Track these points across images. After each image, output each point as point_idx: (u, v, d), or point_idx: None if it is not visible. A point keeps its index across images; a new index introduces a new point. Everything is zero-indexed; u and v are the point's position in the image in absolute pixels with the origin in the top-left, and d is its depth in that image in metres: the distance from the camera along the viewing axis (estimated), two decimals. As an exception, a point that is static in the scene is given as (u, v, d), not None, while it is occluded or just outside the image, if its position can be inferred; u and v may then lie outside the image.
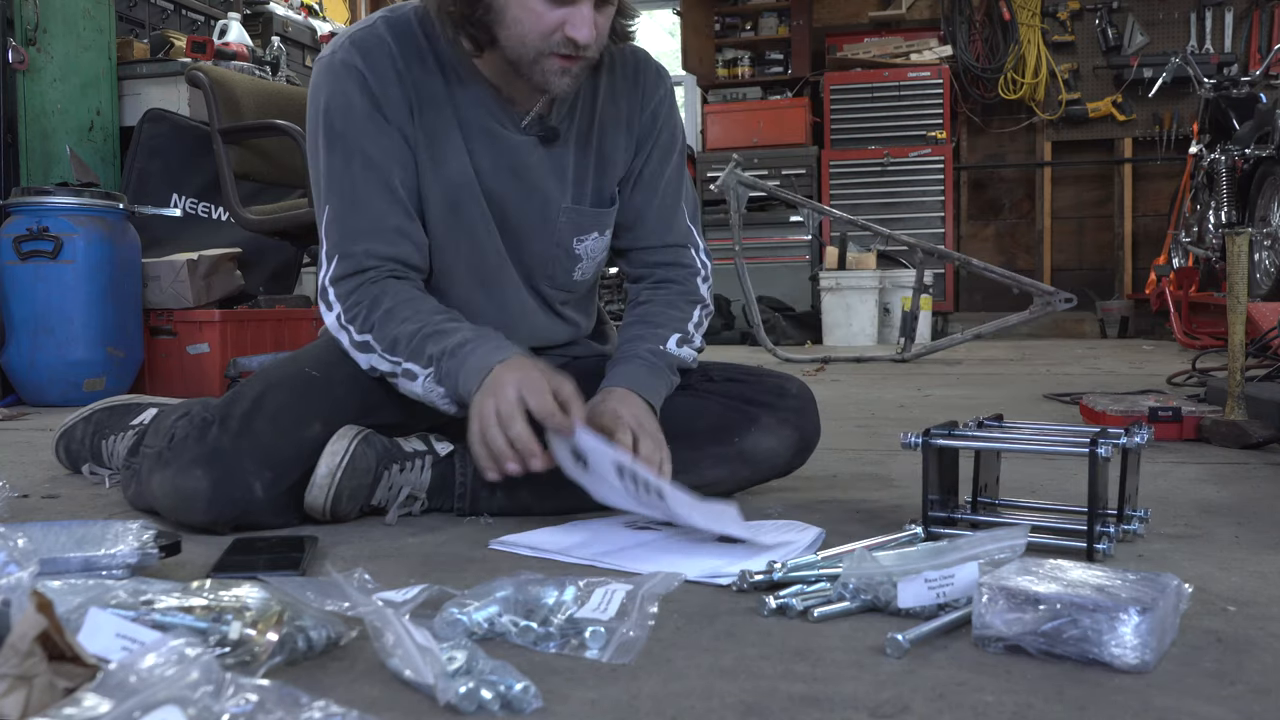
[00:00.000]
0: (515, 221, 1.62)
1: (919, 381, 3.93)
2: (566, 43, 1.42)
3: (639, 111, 1.67)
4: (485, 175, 1.58)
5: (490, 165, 1.58)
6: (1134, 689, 0.86)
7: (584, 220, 1.66)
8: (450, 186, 1.56)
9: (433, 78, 1.54)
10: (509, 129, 1.57)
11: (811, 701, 0.84)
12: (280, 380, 1.52)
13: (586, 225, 1.66)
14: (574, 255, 1.67)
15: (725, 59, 8.17)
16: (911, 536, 1.32)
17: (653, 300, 1.70)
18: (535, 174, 1.60)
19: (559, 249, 1.66)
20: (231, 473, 1.41)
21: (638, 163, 1.69)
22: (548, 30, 1.42)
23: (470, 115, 1.56)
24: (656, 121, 1.69)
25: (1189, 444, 2.24)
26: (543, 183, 1.61)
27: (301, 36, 5.31)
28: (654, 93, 1.68)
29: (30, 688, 0.68)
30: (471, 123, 1.56)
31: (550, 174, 1.61)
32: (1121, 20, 7.48)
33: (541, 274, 1.67)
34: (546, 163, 1.61)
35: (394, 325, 1.48)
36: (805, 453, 1.69)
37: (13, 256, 3.29)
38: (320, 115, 1.53)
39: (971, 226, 7.86)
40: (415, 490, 1.52)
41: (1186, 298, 5.67)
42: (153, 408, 1.87)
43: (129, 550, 1.12)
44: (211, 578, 1.10)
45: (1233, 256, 2.20)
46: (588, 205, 1.66)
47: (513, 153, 1.58)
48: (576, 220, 1.65)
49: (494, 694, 0.82)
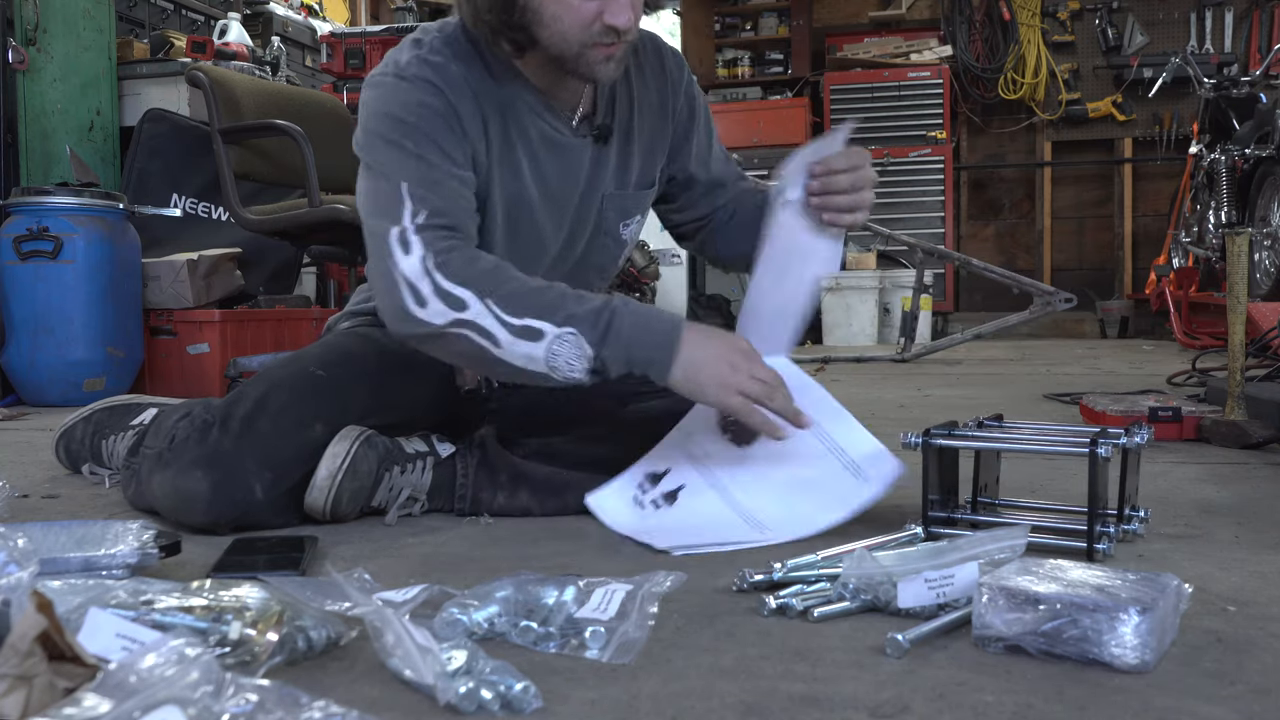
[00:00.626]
0: (574, 222, 1.63)
1: (919, 381, 3.93)
2: (607, 31, 1.42)
3: (672, 96, 1.69)
4: (550, 181, 1.58)
5: (554, 171, 1.58)
6: (1134, 689, 0.86)
7: (628, 204, 1.68)
8: (516, 194, 1.56)
9: (494, 88, 1.53)
10: (565, 134, 1.58)
11: (811, 701, 0.84)
12: (282, 381, 1.51)
13: (630, 209, 1.69)
14: (621, 241, 1.71)
15: (725, 59, 8.16)
16: (911, 536, 1.32)
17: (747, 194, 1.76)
18: (589, 173, 1.62)
19: (608, 237, 1.69)
20: (232, 474, 1.41)
21: (694, 144, 1.73)
22: (587, 21, 1.41)
23: (529, 123, 1.55)
24: (694, 102, 1.73)
25: (1189, 444, 2.24)
26: (595, 180, 1.63)
27: (301, 36, 5.31)
28: (681, 76, 1.71)
29: (30, 688, 0.68)
30: (531, 131, 1.55)
31: (600, 168, 1.63)
32: (1121, 20, 7.48)
33: (593, 265, 1.70)
34: (598, 159, 1.62)
35: (507, 282, 1.39)
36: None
37: (13, 256, 3.29)
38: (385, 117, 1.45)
39: (971, 226, 7.86)
40: (415, 491, 1.52)
41: (1186, 298, 5.66)
42: (153, 408, 1.86)
43: (129, 550, 1.12)
44: (211, 578, 1.10)
45: (1233, 256, 2.20)
46: (630, 189, 1.68)
47: (573, 157, 1.59)
48: (621, 205, 1.67)
49: (494, 694, 0.82)
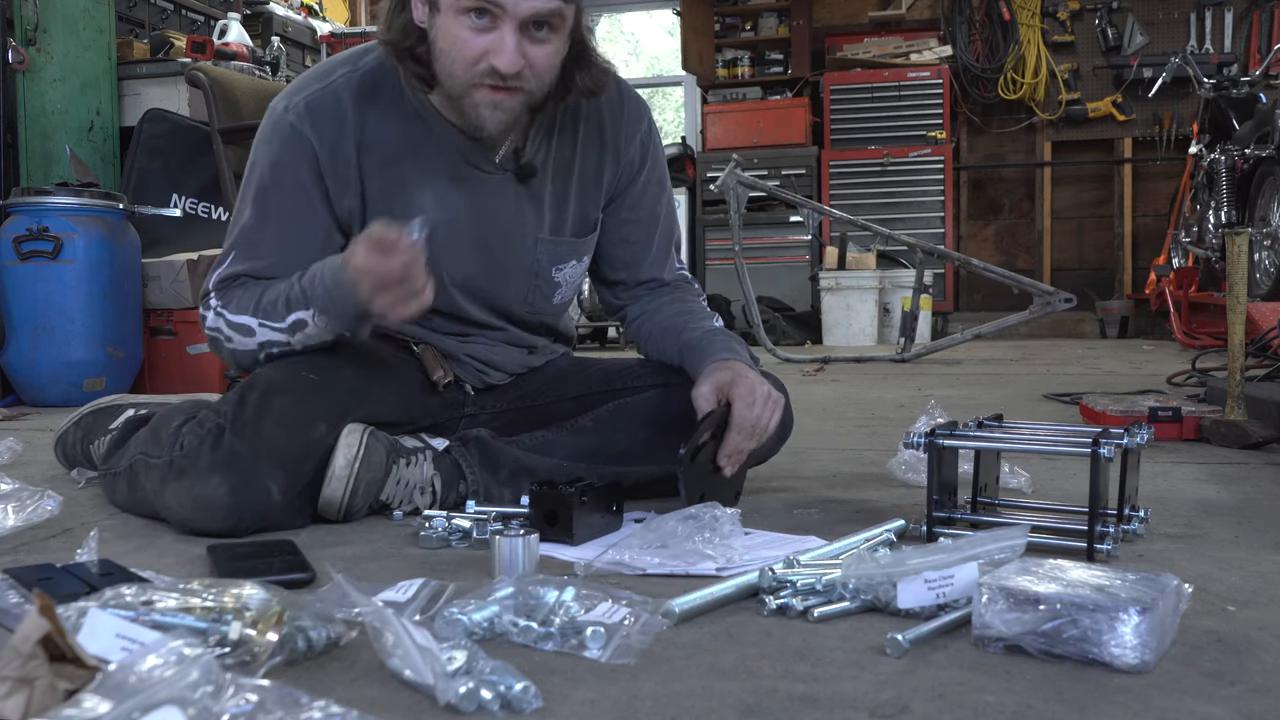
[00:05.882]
0: (491, 261, 1.62)
1: (919, 381, 3.93)
2: (490, 72, 1.40)
3: (625, 140, 1.66)
4: (456, 215, 1.57)
5: (462, 206, 1.57)
6: (1134, 689, 0.86)
7: (562, 249, 1.66)
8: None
9: (397, 129, 1.53)
10: (485, 169, 1.57)
11: (811, 701, 0.84)
12: (279, 384, 1.51)
13: (565, 254, 1.67)
14: (553, 283, 1.69)
15: (725, 59, 8.16)
16: (898, 529, 1.34)
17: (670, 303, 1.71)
18: (511, 211, 1.60)
19: (538, 279, 1.66)
20: (249, 478, 1.41)
21: (632, 195, 1.68)
22: (472, 58, 1.41)
23: (441, 162, 1.55)
24: (647, 151, 1.69)
25: (1189, 444, 2.24)
26: (519, 218, 1.61)
27: (301, 36, 5.31)
28: (639, 121, 1.67)
29: (32, 690, 0.68)
30: (441, 170, 1.55)
31: (527, 206, 1.61)
32: (1121, 20, 7.48)
33: (520, 303, 1.68)
34: (523, 196, 1.60)
35: (262, 298, 1.51)
36: (780, 441, 1.69)
37: (13, 256, 3.29)
38: (253, 167, 1.55)
39: (971, 226, 7.86)
40: (421, 484, 1.52)
41: (1186, 298, 5.66)
42: (130, 409, 1.86)
43: None
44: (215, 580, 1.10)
45: (1232, 256, 2.20)
46: (567, 235, 1.66)
47: (488, 194, 1.58)
48: (554, 250, 1.65)
49: (494, 694, 0.82)
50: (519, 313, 1.70)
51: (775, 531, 1.42)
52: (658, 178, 1.71)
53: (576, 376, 1.76)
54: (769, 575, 1.11)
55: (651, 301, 1.73)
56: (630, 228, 1.70)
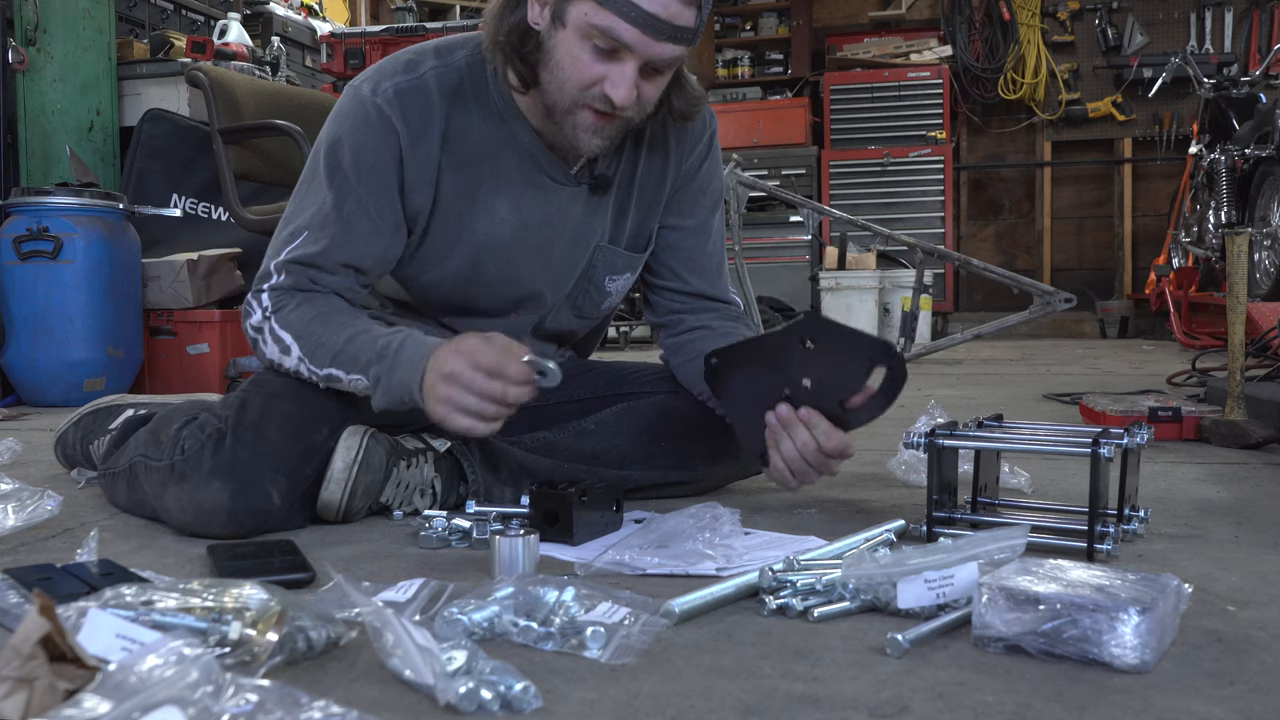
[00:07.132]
0: (558, 266, 1.63)
1: (919, 381, 3.93)
2: (603, 99, 1.40)
3: (688, 151, 1.65)
4: (530, 223, 1.57)
5: (537, 214, 1.57)
6: (1134, 689, 0.86)
7: (618, 261, 1.67)
8: (486, 234, 1.56)
9: (479, 130, 1.52)
10: (559, 180, 1.57)
11: (811, 701, 0.84)
12: (281, 388, 1.50)
13: (620, 266, 1.68)
14: (605, 292, 1.70)
15: (725, 59, 8.16)
16: (898, 529, 1.34)
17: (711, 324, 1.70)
18: (579, 221, 1.61)
19: (590, 284, 1.68)
20: (249, 483, 1.40)
21: (686, 199, 1.67)
22: (587, 82, 1.40)
23: (516, 169, 1.54)
24: (704, 162, 1.67)
25: (1189, 444, 2.24)
26: (585, 229, 1.62)
27: (301, 36, 5.31)
28: (702, 133, 1.66)
29: (31, 690, 0.68)
30: (517, 177, 1.55)
31: (594, 217, 1.62)
32: (1121, 20, 7.48)
33: (573, 308, 1.69)
34: (592, 207, 1.61)
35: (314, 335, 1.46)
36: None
37: (13, 256, 3.29)
38: (332, 146, 1.51)
39: (971, 226, 7.86)
40: (422, 485, 1.52)
41: (1186, 298, 5.66)
42: (130, 409, 1.86)
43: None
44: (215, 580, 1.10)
45: (1232, 256, 2.20)
46: (624, 247, 1.66)
47: (560, 204, 1.58)
48: (611, 260, 1.67)
49: (494, 694, 0.82)
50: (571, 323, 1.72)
51: (775, 531, 1.42)
52: (714, 190, 1.70)
53: (582, 378, 1.76)
54: (769, 575, 1.11)
55: (699, 319, 1.70)
56: (679, 235, 1.69)
